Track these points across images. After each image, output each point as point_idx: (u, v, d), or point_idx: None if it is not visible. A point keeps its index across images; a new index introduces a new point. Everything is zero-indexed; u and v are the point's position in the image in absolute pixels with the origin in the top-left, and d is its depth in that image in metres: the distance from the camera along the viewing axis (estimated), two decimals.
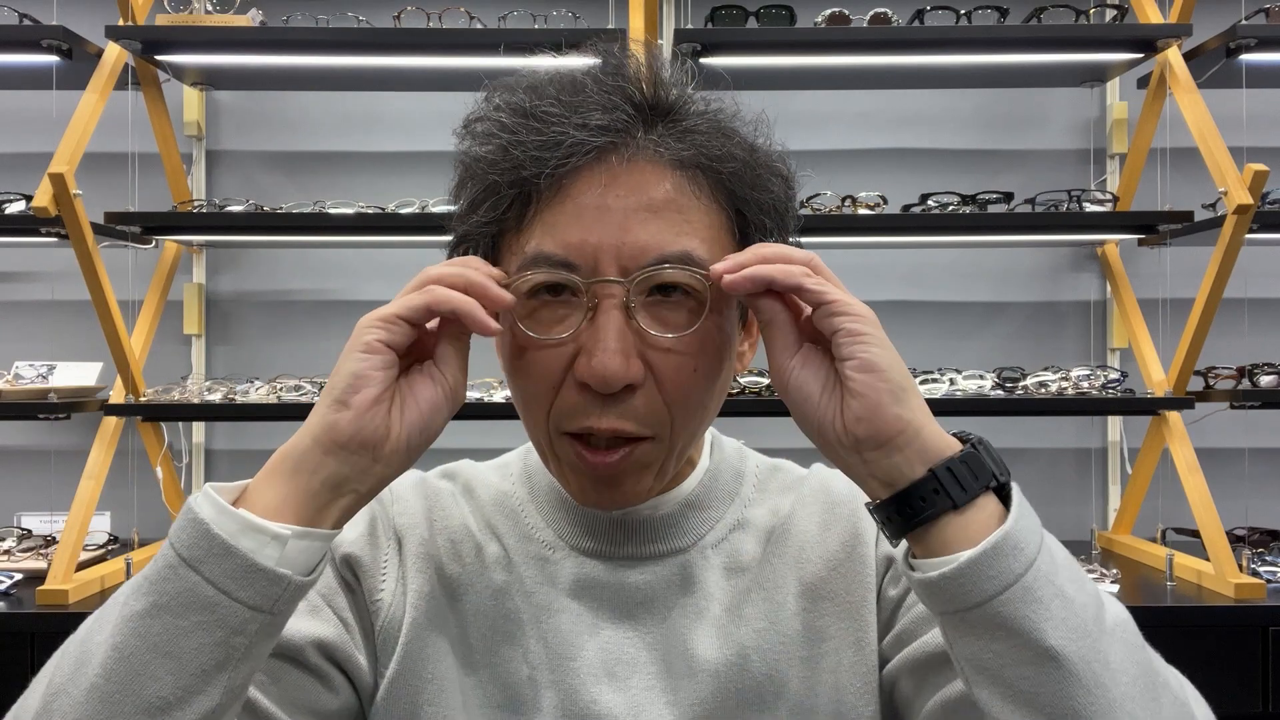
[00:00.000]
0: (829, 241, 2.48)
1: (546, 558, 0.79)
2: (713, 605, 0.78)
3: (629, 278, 0.67)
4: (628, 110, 0.69)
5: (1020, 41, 2.21)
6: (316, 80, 2.44)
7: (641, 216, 0.67)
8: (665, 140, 0.70)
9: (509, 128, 0.69)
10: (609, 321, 0.66)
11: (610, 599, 0.78)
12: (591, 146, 0.67)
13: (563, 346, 0.68)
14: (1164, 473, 2.28)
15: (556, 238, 0.68)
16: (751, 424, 2.57)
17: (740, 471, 0.85)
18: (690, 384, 0.70)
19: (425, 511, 0.82)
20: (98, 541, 2.27)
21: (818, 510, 0.83)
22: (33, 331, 2.55)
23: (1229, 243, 2.01)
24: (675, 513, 0.80)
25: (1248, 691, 1.85)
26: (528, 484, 0.83)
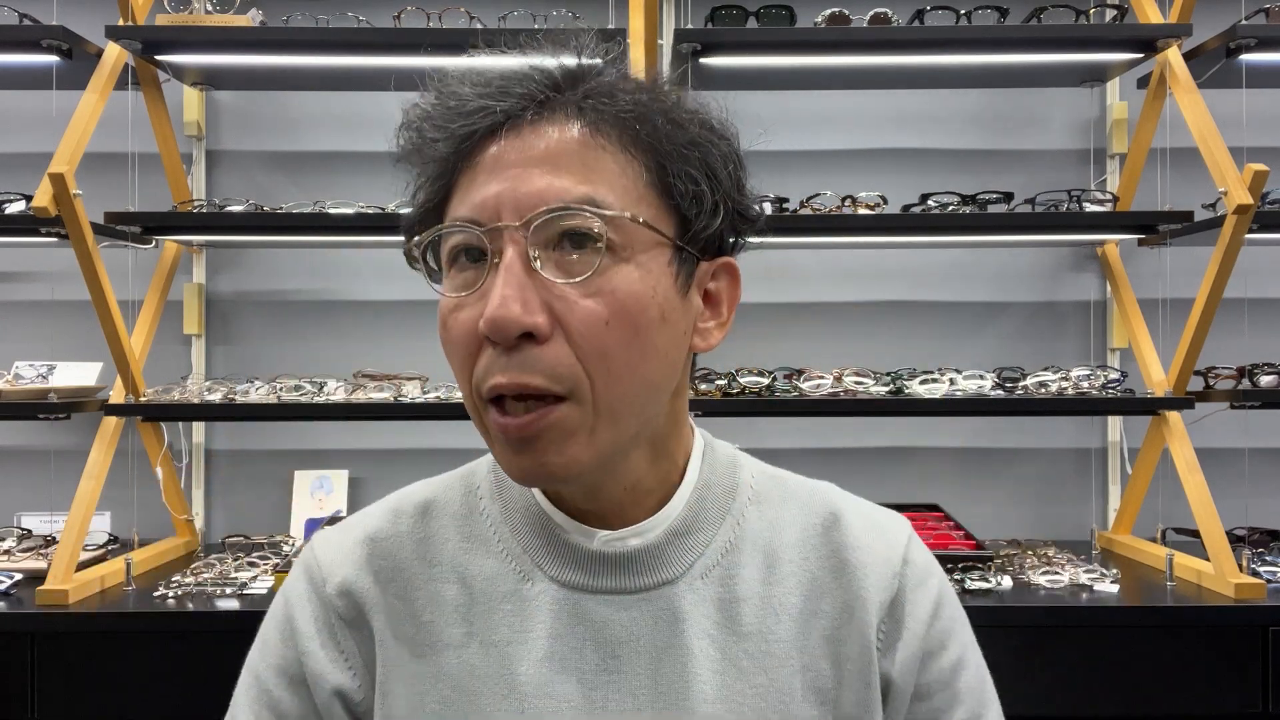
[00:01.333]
0: (829, 241, 2.49)
1: (520, 592, 0.74)
2: (705, 648, 0.72)
3: (524, 222, 0.65)
4: (536, 78, 0.69)
5: (1020, 41, 2.21)
6: (316, 80, 2.44)
7: (542, 168, 0.66)
8: (571, 100, 0.68)
9: (422, 109, 0.71)
10: (505, 267, 0.64)
11: (592, 639, 0.72)
12: (495, 109, 0.67)
13: (473, 308, 0.66)
14: (1164, 473, 2.28)
15: (466, 201, 0.67)
16: (752, 424, 2.58)
17: (733, 484, 0.79)
18: (603, 337, 0.65)
19: (369, 572, 0.76)
20: (98, 541, 2.27)
21: (827, 549, 0.78)
22: (33, 331, 2.55)
23: (1229, 243, 2.01)
24: (661, 541, 0.74)
25: (1248, 691, 1.85)
26: (500, 499, 0.78)
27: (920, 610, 0.76)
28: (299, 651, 0.75)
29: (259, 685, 0.76)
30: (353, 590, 0.75)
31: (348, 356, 2.50)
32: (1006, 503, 2.59)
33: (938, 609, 0.78)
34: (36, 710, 1.83)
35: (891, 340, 2.58)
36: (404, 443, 2.56)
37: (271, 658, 0.76)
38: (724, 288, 0.75)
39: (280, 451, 2.57)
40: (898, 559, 0.77)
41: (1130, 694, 1.85)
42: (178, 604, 1.90)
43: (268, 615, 0.78)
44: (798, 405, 2.17)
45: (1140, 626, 1.87)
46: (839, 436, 2.58)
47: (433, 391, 2.21)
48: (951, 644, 0.78)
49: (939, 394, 2.16)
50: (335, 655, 0.75)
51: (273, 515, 2.53)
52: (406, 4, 2.25)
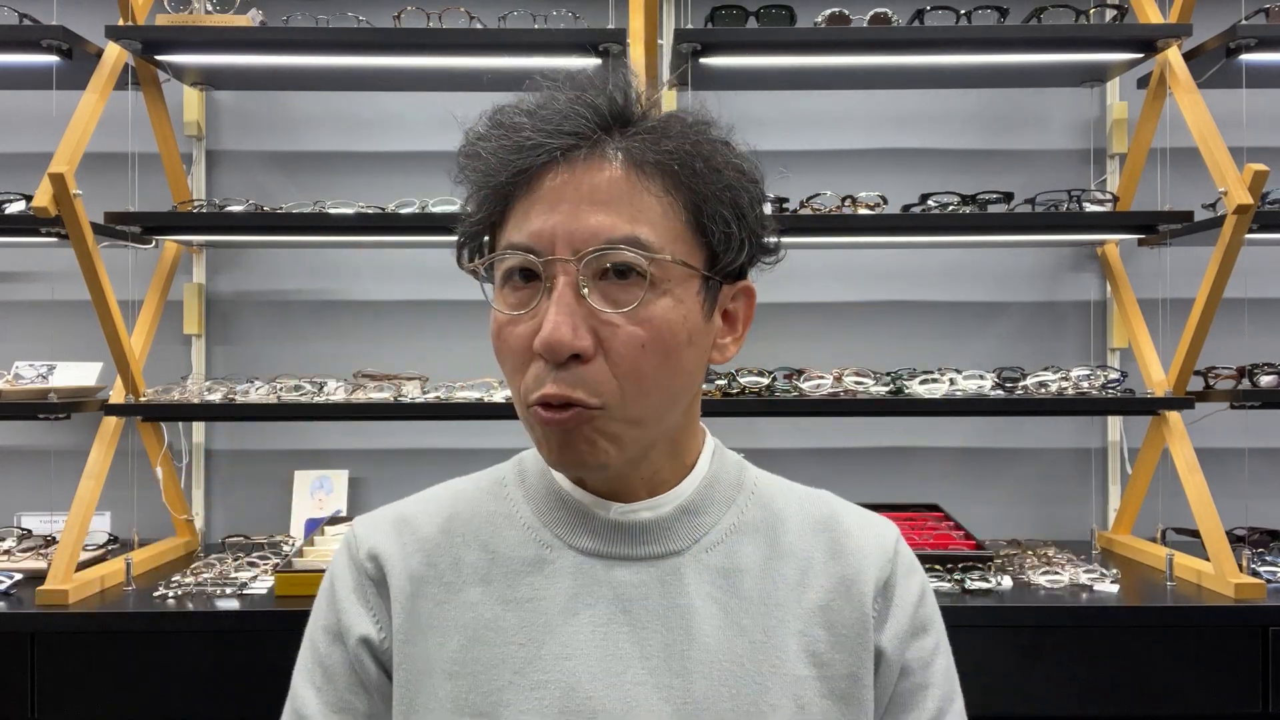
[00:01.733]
0: (829, 241, 2.49)
1: (541, 556, 0.83)
2: (709, 607, 0.81)
3: (577, 256, 0.74)
4: (588, 117, 0.77)
5: (1020, 41, 2.21)
6: (316, 80, 2.44)
7: (594, 206, 0.75)
8: (621, 142, 0.77)
9: (484, 138, 0.79)
10: (558, 296, 0.74)
11: (605, 595, 0.81)
12: (554, 148, 0.76)
13: (528, 325, 0.76)
14: (1164, 473, 2.28)
15: (523, 228, 0.76)
16: (752, 424, 2.58)
17: (739, 481, 0.88)
18: (639, 358, 0.75)
19: (397, 542, 0.86)
20: (98, 541, 2.27)
21: (824, 537, 0.86)
22: (33, 331, 2.55)
23: (1229, 243, 2.01)
24: (671, 516, 0.83)
25: (1248, 691, 1.85)
26: (523, 487, 0.88)
27: (909, 594, 0.85)
28: (337, 610, 0.85)
29: (311, 646, 0.86)
30: (379, 554, 0.85)
31: (348, 356, 2.50)
32: (1006, 503, 2.59)
33: (923, 597, 0.87)
34: (36, 710, 1.83)
35: (891, 340, 2.58)
36: (404, 443, 2.56)
37: (319, 620, 0.86)
38: (741, 307, 0.87)
39: (280, 451, 2.57)
40: (890, 549, 0.87)
41: (1130, 694, 1.85)
42: (178, 604, 1.90)
43: (319, 589, 0.89)
44: (798, 405, 2.17)
45: (1140, 626, 1.86)
46: (839, 436, 2.58)
47: (433, 391, 2.21)
48: (932, 630, 0.87)
49: (939, 394, 2.16)
50: (364, 610, 0.84)
51: (273, 515, 2.53)
52: (406, 4, 2.25)
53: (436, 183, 2.51)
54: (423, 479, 0.89)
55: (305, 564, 2.01)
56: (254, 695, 1.79)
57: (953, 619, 0.86)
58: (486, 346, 0.81)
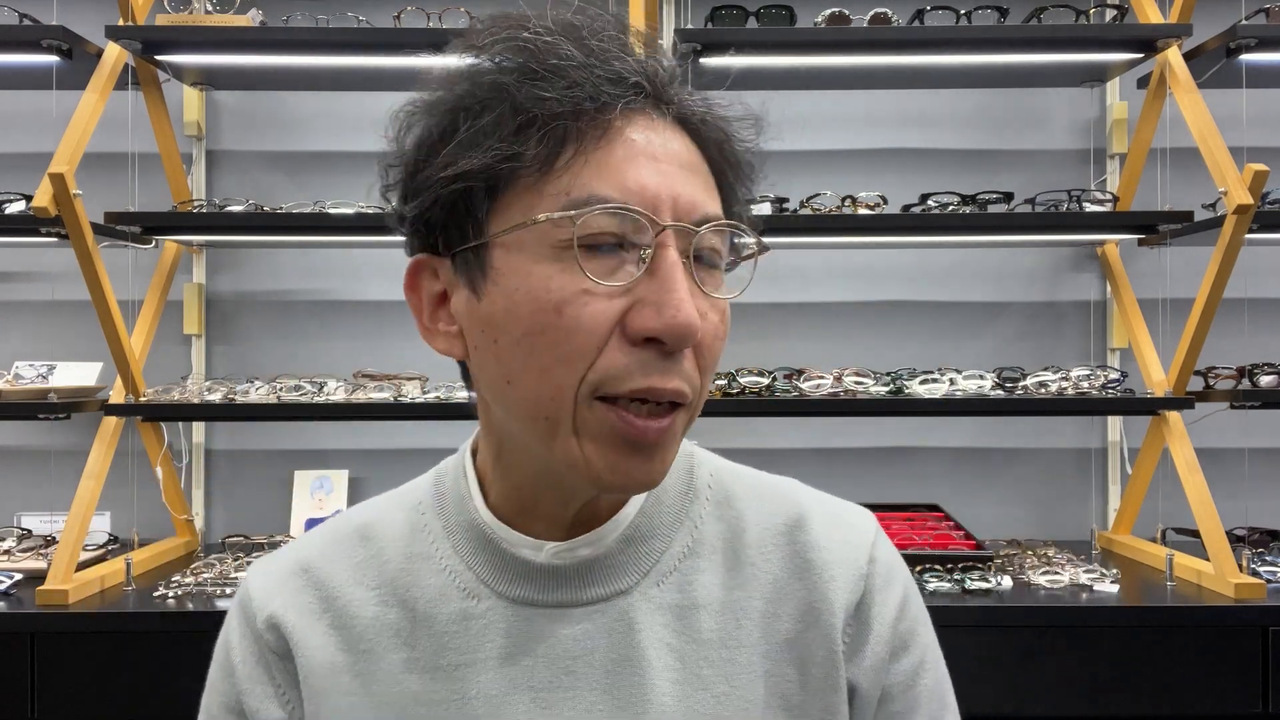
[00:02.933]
0: (829, 241, 2.49)
1: (468, 611, 0.71)
2: (664, 657, 0.70)
3: (695, 224, 0.63)
4: (640, 72, 0.65)
5: (1020, 41, 2.21)
6: (316, 80, 2.44)
7: (685, 173, 0.64)
8: (679, 105, 0.67)
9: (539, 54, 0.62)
10: (678, 271, 0.61)
11: (544, 655, 0.69)
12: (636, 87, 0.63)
13: (614, 300, 0.61)
14: (1164, 473, 2.28)
15: (612, 180, 0.61)
16: (752, 424, 2.58)
17: (690, 485, 0.76)
18: (716, 350, 0.66)
19: (299, 603, 0.74)
20: (98, 541, 2.27)
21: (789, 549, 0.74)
22: (33, 331, 2.55)
23: (1229, 243, 2.01)
24: (615, 548, 0.71)
25: (1248, 691, 1.85)
26: (441, 516, 0.75)
27: (886, 612, 0.73)
28: (238, 689, 0.74)
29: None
30: (281, 622, 0.73)
31: (348, 356, 2.50)
32: (1006, 503, 2.59)
33: (903, 609, 0.74)
34: (36, 710, 1.83)
35: (891, 340, 2.58)
36: (404, 443, 2.56)
37: (217, 695, 0.75)
38: None
39: (280, 451, 2.57)
40: (864, 559, 0.74)
41: (1130, 694, 1.85)
42: (178, 604, 1.90)
43: (214, 654, 0.77)
44: (798, 405, 2.17)
45: (1140, 626, 1.86)
46: (839, 436, 2.58)
47: (433, 391, 2.21)
48: (914, 645, 0.75)
49: (939, 394, 2.16)
50: (270, 690, 0.73)
51: (273, 515, 2.53)
52: (406, 4, 2.25)
53: None
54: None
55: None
56: None
57: (953, 619, 0.86)
58: None
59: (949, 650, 0.78)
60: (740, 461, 0.81)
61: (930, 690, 0.74)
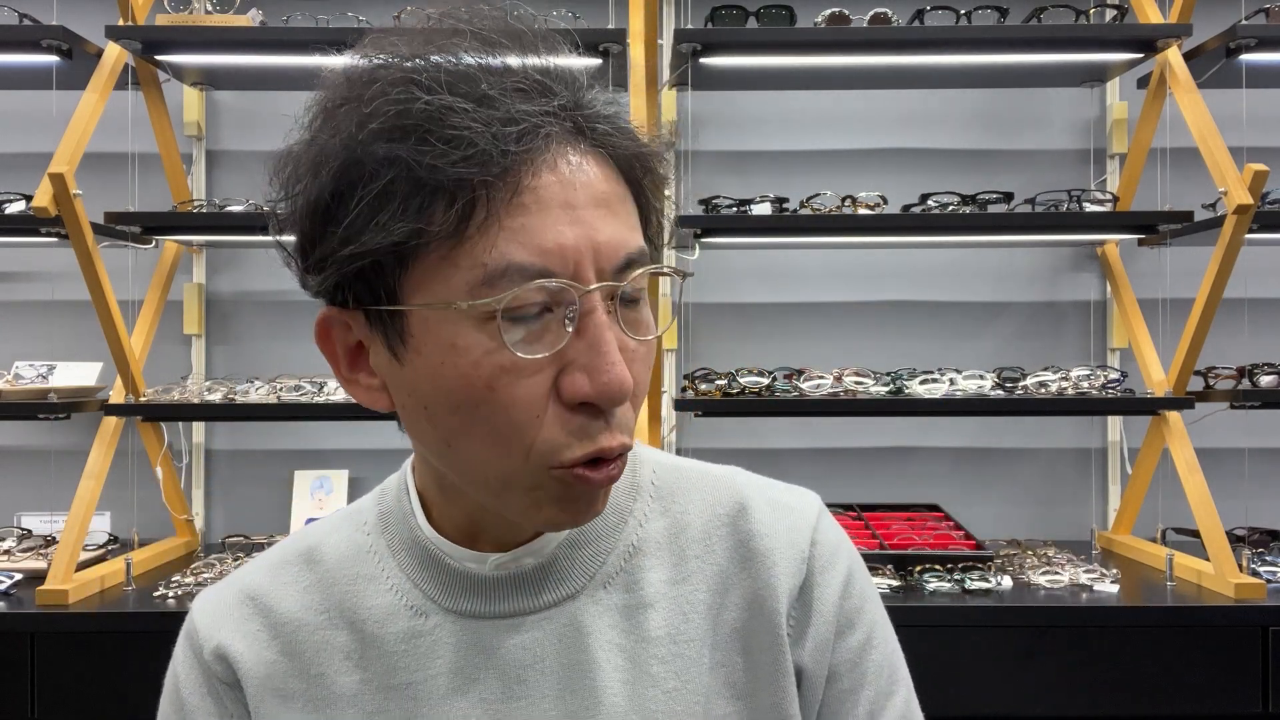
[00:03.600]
0: (829, 241, 2.49)
1: (416, 629, 0.70)
2: (613, 658, 0.69)
3: (619, 279, 0.60)
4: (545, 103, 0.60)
5: (1020, 41, 2.21)
6: (316, 80, 2.43)
7: (601, 213, 0.60)
8: (589, 129, 0.61)
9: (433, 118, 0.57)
10: (604, 331, 0.59)
11: (495, 668, 0.69)
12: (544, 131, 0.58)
13: (542, 370, 0.59)
14: (1164, 473, 2.29)
15: (529, 244, 0.58)
16: (752, 424, 2.58)
17: (633, 484, 0.75)
18: (645, 384, 0.64)
19: (244, 633, 0.73)
20: (98, 541, 2.27)
21: (732, 540, 0.73)
22: (33, 331, 2.55)
23: (1229, 243, 2.01)
24: (558, 555, 0.71)
25: (1248, 691, 1.85)
26: (385, 534, 0.74)
27: (829, 593, 0.72)
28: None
29: None
30: (228, 654, 0.72)
31: None
32: (1006, 503, 2.59)
33: (846, 588, 0.73)
34: (36, 710, 1.83)
35: (891, 340, 2.58)
36: (404, 443, 2.54)
37: None
38: None
39: (280, 451, 2.57)
40: (805, 541, 0.73)
41: (1130, 694, 1.85)
42: (178, 604, 1.90)
43: (163, 688, 0.77)
44: (798, 405, 2.17)
45: (1140, 626, 1.86)
46: (839, 436, 2.58)
47: None
48: (860, 622, 0.74)
49: (939, 394, 2.16)
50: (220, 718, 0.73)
51: (273, 515, 2.53)
52: (406, 4, 2.25)
53: None
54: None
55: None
56: None
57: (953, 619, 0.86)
58: None
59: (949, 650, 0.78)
60: (740, 462, 0.81)
61: (879, 665, 0.74)
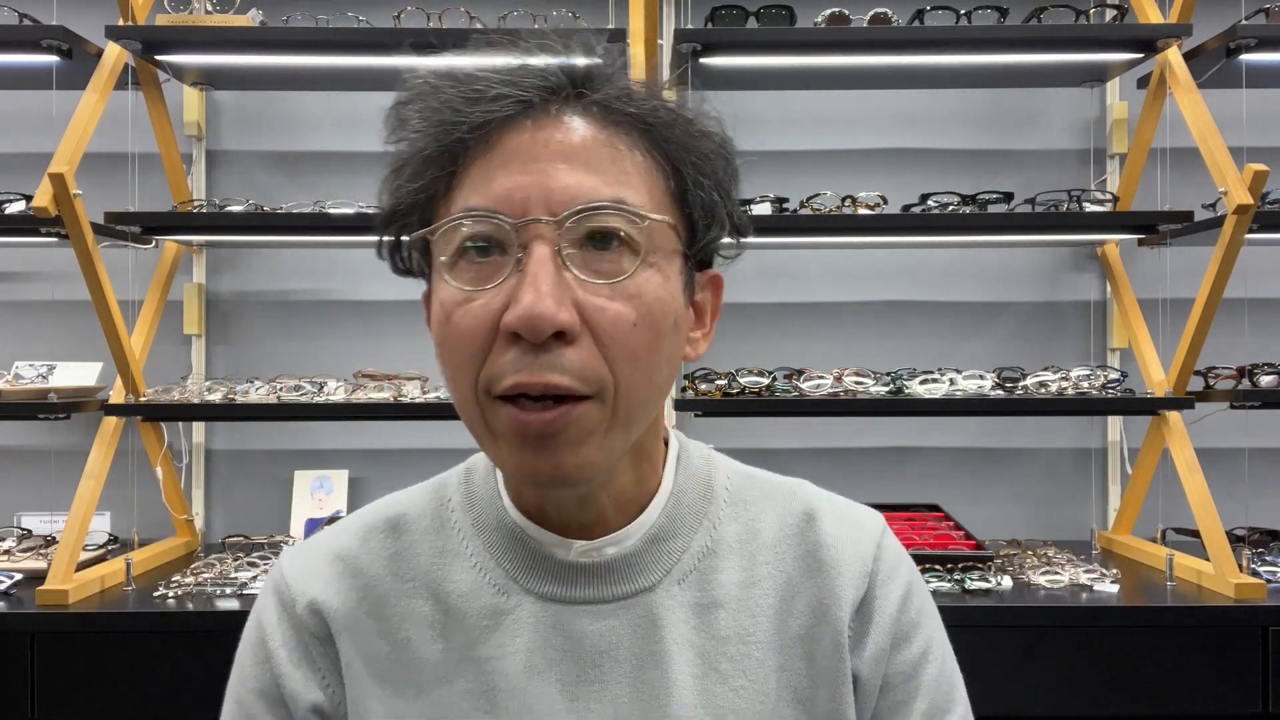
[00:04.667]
0: (829, 241, 2.49)
1: (498, 606, 0.73)
2: (685, 653, 0.73)
3: (557, 219, 0.64)
4: (556, 71, 0.68)
5: (1020, 41, 2.21)
6: (316, 80, 2.44)
7: (572, 164, 0.65)
8: (595, 99, 0.68)
9: (436, 89, 0.68)
10: (536, 263, 0.63)
11: (572, 650, 0.72)
12: (518, 98, 0.65)
13: (491, 301, 0.64)
14: (1164, 473, 2.28)
15: (483, 190, 0.65)
16: (752, 424, 2.58)
17: (709, 487, 0.79)
18: (630, 338, 0.65)
19: (338, 589, 0.76)
20: (98, 541, 2.27)
21: (801, 549, 0.77)
22: (33, 331, 2.55)
23: (1229, 243, 2.01)
24: (639, 548, 0.74)
25: (1248, 691, 1.85)
26: (471, 513, 0.77)
27: (888, 604, 0.76)
28: (275, 674, 0.74)
29: (242, 711, 0.76)
30: (322, 608, 0.75)
31: (348, 356, 2.50)
32: (1006, 503, 2.59)
33: (905, 601, 0.77)
34: (36, 710, 1.83)
35: (891, 340, 2.58)
36: (404, 443, 2.56)
37: (250, 682, 0.76)
38: (708, 299, 0.76)
39: (280, 451, 2.57)
40: (869, 554, 0.77)
41: (1130, 694, 1.85)
42: (178, 604, 1.90)
43: (242, 640, 0.78)
44: (798, 405, 2.17)
45: (1140, 626, 1.86)
46: (839, 436, 2.58)
47: (433, 391, 2.21)
48: (917, 637, 0.77)
49: (939, 394, 2.16)
50: (310, 673, 0.75)
51: (273, 515, 2.53)
52: (406, 4, 2.25)
53: None
54: (422, 479, 0.83)
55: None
56: None
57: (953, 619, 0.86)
58: None
59: None
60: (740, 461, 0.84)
61: (934, 680, 0.76)
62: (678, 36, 2.15)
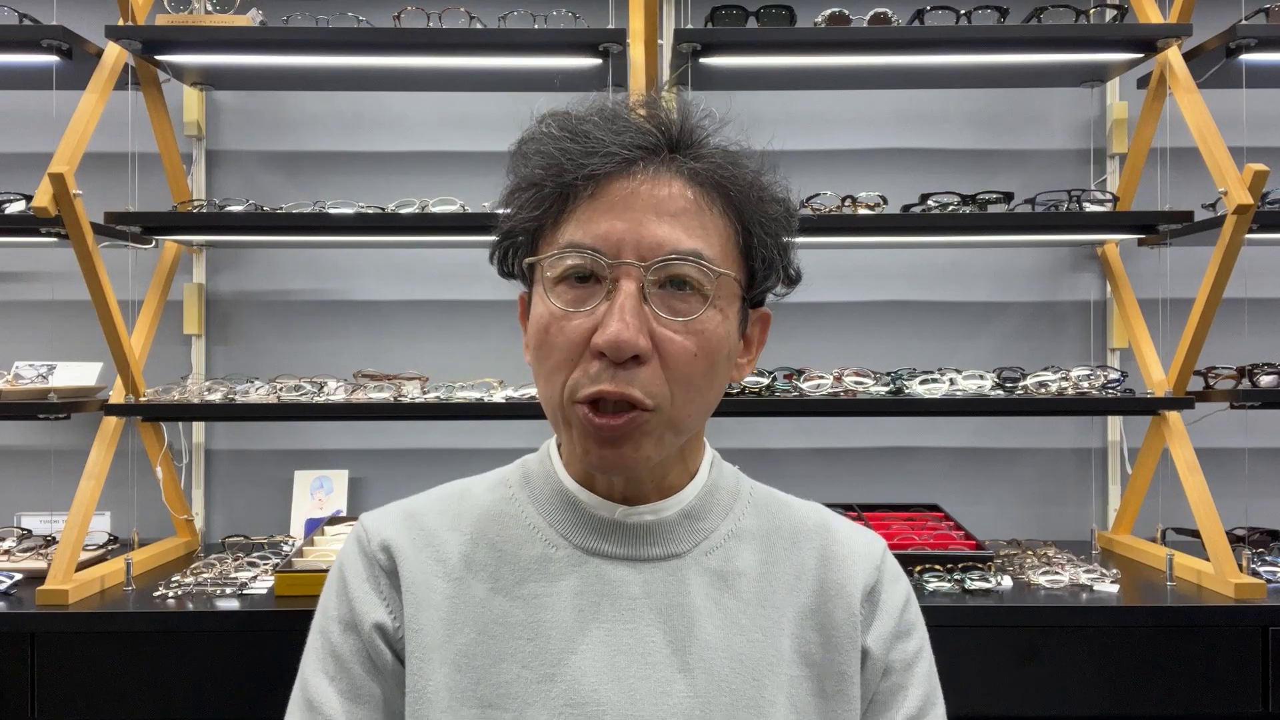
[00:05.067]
0: (829, 241, 2.49)
1: (547, 554, 0.86)
2: (709, 606, 0.85)
3: (645, 263, 0.78)
4: (656, 134, 0.82)
5: (1020, 41, 2.21)
6: (316, 80, 2.44)
7: (661, 217, 0.79)
8: (686, 160, 0.82)
9: (555, 139, 0.82)
10: (624, 297, 0.78)
11: (610, 595, 0.84)
12: (623, 157, 0.79)
13: (584, 322, 0.79)
14: (1164, 473, 2.29)
15: (587, 229, 0.79)
16: (752, 424, 2.58)
17: (736, 490, 0.93)
18: (690, 366, 0.80)
19: (407, 535, 0.88)
20: (98, 541, 2.27)
21: (816, 544, 0.91)
22: (33, 331, 2.55)
23: (1229, 243, 2.01)
24: (674, 520, 0.87)
25: (1248, 691, 1.85)
26: (527, 488, 0.91)
27: (894, 599, 0.90)
28: (349, 600, 0.86)
29: (323, 636, 0.87)
30: (391, 546, 0.87)
31: (348, 356, 2.50)
32: (1006, 503, 2.59)
33: (906, 603, 0.91)
34: (36, 710, 1.83)
35: (891, 340, 2.58)
36: (404, 443, 2.56)
37: (330, 611, 0.88)
38: (758, 331, 0.91)
39: (280, 451, 2.57)
40: (878, 555, 0.92)
41: (1130, 694, 1.85)
42: (178, 604, 1.90)
43: (325, 583, 0.90)
44: (798, 405, 2.17)
45: (1140, 626, 1.86)
46: (839, 436, 2.58)
47: (433, 391, 2.21)
48: (915, 635, 0.91)
49: (939, 394, 2.16)
50: (377, 599, 0.86)
51: (273, 515, 2.53)
52: (406, 4, 2.25)
53: (436, 183, 2.51)
54: (423, 479, 0.90)
55: (305, 564, 2.01)
56: (254, 695, 1.79)
57: (953, 619, 0.87)
58: (487, 347, 0.82)
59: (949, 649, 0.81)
60: (740, 462, 0.98)
61: (925, 675, 0.90)
62: (678, 36, 2.15)
